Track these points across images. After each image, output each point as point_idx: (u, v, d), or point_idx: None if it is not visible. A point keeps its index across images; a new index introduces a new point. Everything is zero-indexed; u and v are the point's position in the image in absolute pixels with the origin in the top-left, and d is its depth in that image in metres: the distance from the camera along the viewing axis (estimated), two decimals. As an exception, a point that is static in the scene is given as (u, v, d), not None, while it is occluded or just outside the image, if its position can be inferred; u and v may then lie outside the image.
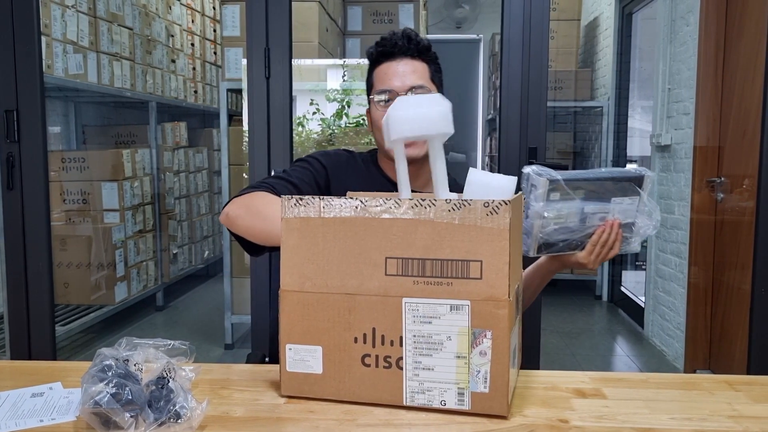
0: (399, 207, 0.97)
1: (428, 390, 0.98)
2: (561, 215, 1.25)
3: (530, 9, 2.28)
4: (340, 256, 1.00)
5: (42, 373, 1.17)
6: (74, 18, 3.53)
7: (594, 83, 5.11)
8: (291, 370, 1.03)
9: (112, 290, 3.87)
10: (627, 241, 1.34)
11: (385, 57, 1.41)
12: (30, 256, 2.40)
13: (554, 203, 1.23)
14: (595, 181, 1.26)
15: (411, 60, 1.41)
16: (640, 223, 1.32)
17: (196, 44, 5.24)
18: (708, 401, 1.05)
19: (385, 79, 1.40)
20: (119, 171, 3.94)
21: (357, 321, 0.99)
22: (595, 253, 1.31)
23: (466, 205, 0.94)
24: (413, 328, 0.97)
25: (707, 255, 3.18)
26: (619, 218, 1.30)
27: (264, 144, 2.40)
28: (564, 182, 1.23)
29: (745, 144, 2.85)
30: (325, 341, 1.01)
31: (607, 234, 1.30)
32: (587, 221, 1.29)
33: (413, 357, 0.97)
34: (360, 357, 1.00)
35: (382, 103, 1.40)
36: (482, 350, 0.95)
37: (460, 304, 0.95)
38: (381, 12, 4.06)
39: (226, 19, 3.68)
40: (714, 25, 3.09)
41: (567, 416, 0.99)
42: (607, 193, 1.27)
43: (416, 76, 1.40)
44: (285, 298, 1.02)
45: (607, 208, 1.28)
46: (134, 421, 0.89)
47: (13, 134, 2.36)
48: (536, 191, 1.22)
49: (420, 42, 1.41)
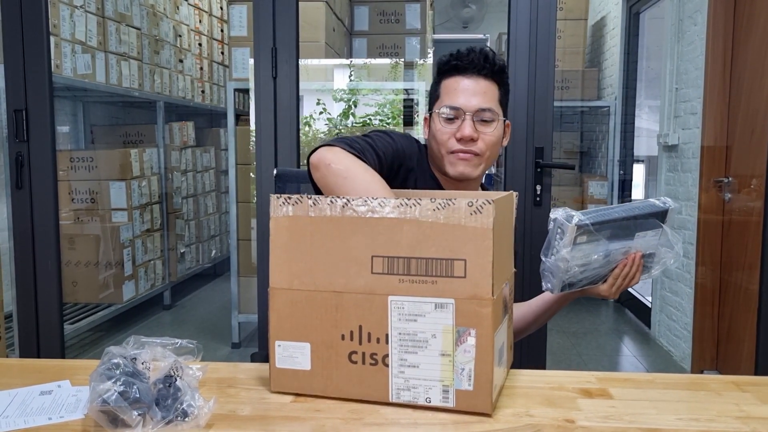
0: (384, 207, 0.98)
1: (414, 387, 0.99)
2: (587, 258, 1.24)
3: (537, 9, 2.27)
4: (327, 254, 1.02)
5: (50, 371, 1.18)
6: (83, 18, 3.55)
7: (601, 83, 5.10)
8: (280, 366, 1.05)
9: (120, 289, 3.88)
10: (647, 270, 1.34)
11: (457, 71, 1.39)
12: (39, 255, 2.42)
13: (580, 247, 1.22)
14: (622, 221, 1.25)
15: (483, 79, 1.38)
16: (661, 254, 1.32)
17: (203, 44, 5.25)
18: (715, 402, 1.05)
19: (454, 96, 1.38)
20: (127, 170, 3.95)
21: (344, 318, 1.01)
22: (617, 286, 1.31)
23: (451, 204, 0.96)
24: (399, 326, 0.98)
25: (715, 255, 3.17)
26: (641, 251, 1.30)
27: (271, 143, 2.41)
28: (592, 226, 1.21)
29: (753, 144, 2.84)
30: (313, 338, 1.02)
31: (629, 268, 1.29)
32: (611, 257, 1.28)
33: (399, 354, 0.99)
34: (347, 354, 1.01)
35: (445, 120, 1.38)
36: (466, 348, 0.96)
37: (444, 303, 0.96)
38: (388, 12, 4.06)
39: (233, 19, 3.69)
40: (722, 25, 3.08)
41: (573, 416, 0.99)
42: (632, 229, 1.26)
43: (486, 98, 1.37)
44: (274, 296, 1.04)
45: (631, 244, 1.28)
46: (142, 420, 0.90)
47: (22, 134, 2.37)
48: (564, 237, 1.20)
49: (496, 62, 1.39)
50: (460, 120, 1.37)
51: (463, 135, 1.35)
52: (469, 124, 1.36)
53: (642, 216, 1.26)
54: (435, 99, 1.44)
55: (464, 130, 1.35)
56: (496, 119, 1.38)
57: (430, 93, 1.48)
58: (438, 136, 1.39)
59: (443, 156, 1.39)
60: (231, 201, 3.74)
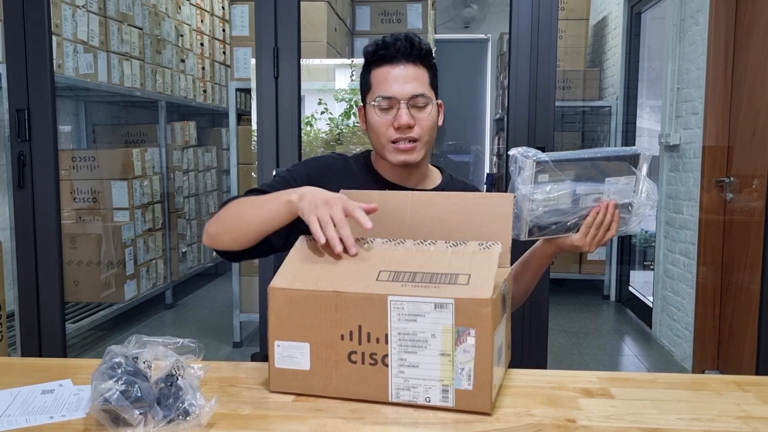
0: (402, 244, 1.11)
1: (413, 387, 0.99)
2: (551, 197, 1.21)
3: (538, 8, 2.27)
4: (337, 268, 1.07)
5: (52, 370, 1.18)
6: (84, 18, 3.55)
7: (602, 83, 5.09)
8: (279, 366, 1.04)
9: (122, 288, 3.89)
10: (625, 222, 1.29)
11: (385, 60, 1.40)
12: (41, 254, 2.42)
13: (543, 185, 1.19)
14: (586, 161, 1.21)
15: (412, 65, 1.39)
16: (637, 203, 1.26)
17: (205, 44, 5.25)
18: (716, 402, 1.05)
19: (386, 85, 1.38)
20: (129, 170, 3.96)
21: (344, 318, 1.01)
22: (591, 235, 1.27)
23: (464, 244, 1.08)
24: (398, 326, 0.98)
25: (716, 255, 3.17)
26: (615, 199, 1.25)
27: (272, 143, 2.41)
28: (552, 163, 1.18)
29: (754, 144, 2.84)
30: (313, 338, 1.02)
31: (602, 215, 1.26)
32: (580, 203, 1.24)
33: (398, 354, 0.99)
34: (347, 354, 1.01)
35: (380, 110, 1.38)
36: (466, 348, 0.96)
37: (444, 303, 0.96)
38: (389, 12, 4.06)
39: (235, 18, 3.69)
40: (723, 25, 3.07)
41: (574, 416, 0.99)
42: (601, 174, 1.22)
43: (418, 84, 1.38)
44: (273, 295, 1.04)
45: (601, 189, 1.24)
46: (143, 419, 0.90)
47: (24, 133, 2.38)
48: (523, 173, 1.18)
49: (422, 47, 1.40)
50: (396, 109, 1.37)
51: (401, 123, 1.36)
52: (405, 111, 1.36)
53: (608, 158, 1.22)
54: (366, 90, 1.44)
55: (401, 118, 1.36)
56: (430, 103, 1.39)
57: (360, 84, 1.48)
58: (376, 128, 1.40)
59: (383, 145, 1.40)
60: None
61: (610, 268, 4.81)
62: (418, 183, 1.48)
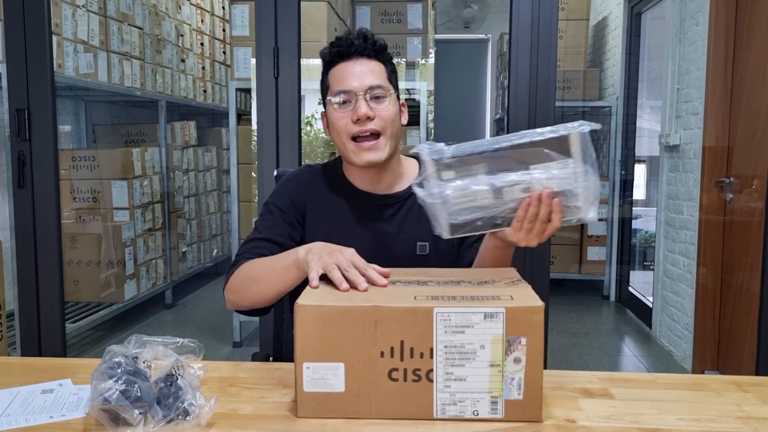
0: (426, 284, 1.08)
1: (460, 401, 0.96)
2: (466, 193, 1.09)
3: (539, 9, 2.27)
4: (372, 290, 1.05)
5: (52, 369, 1.18)
6: (85, 17, 3.55)
7: (602, 83, 5.09)
8: (309, 390, 0.97)
9: (122, 288, 3.89)
10: (572, 211, 1.11)
11: (340, 57, 1.38)
12: (40, 254, 2.42)
13: (450, 183, 1.09)
14: (492, 152, 1.08)
15: (368, 60, 1.38)
16: (580, 188, 1.09)
17: (205, 44, 5.25)
18: (716, 402, 1.05)
19: (342, 80, 1.36)
20: (129, 169, 3.96)
21: (383, 334, 0.95)
22: (525, 229, 1.12)
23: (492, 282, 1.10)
24: (444, 339, 0.94)
25: (716, 255, 3.17)
26: (552, 187, 1.09)
27: (272, 143, 2.41)
28: (454, 159, 1.08)
29: (754, 144, 2.84)
30: (348, 357, 0.96)
31: (534, 207, 1.09)
32: (505, 195, 1.10)
33: (444, 368, 0.95)
34: (387, 372, 0.96)
35: (339, 105, 1.37)
36: (517, 357, 0.94)
37: (494, 312, 0.94)
38: (390, 12, 4.06)
39: (235, 18, 3.69)
40: (724, 25, 3.07)
41: (574, 416, 0.99)
42: (521, 163, 1.08)
43: (374, 76, 1.36)
44: (301, 313, 0.96)
45: (528, 179, 1.08)
46: (143, 418, 0.90)
47: (25, 133, 2.38)
48: (425, 173, 1.09)
49: (377, 42, 1.39)
50: (354, 101, 1.35)
51: (359, 114, 1.33)
52: (363, 103, 1.33)
53: (523, 145, 1.07)
54: (325, 91, 1.43)
55: (359, 110, 1.33)
56: (388, 95, 1.37)
57: (320, 88, 1.46)
58: (336, 125, 1.37)
59: (345, 144, 1.37)
60: (233, 200, 3.74)
61: (610, 269, 4.81)
62: (391, 186, 1.44)
